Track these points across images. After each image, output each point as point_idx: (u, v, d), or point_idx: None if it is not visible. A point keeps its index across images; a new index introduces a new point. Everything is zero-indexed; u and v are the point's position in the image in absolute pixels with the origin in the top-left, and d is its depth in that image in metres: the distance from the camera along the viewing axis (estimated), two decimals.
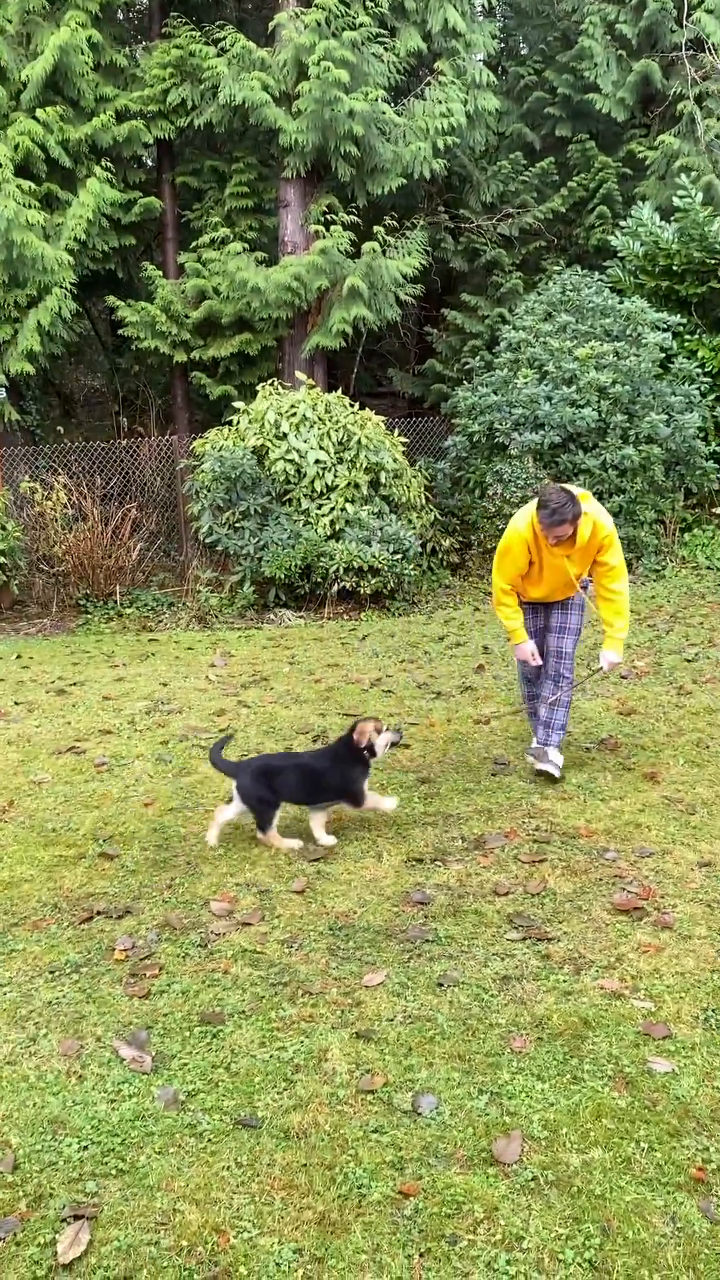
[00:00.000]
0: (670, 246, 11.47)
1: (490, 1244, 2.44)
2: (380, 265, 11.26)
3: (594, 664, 5.67)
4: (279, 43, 11.19)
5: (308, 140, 10.89)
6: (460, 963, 3.58)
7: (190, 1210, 2.55)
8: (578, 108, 14.25)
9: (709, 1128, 2.79)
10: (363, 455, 9.81)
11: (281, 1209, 2.55)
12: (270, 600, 9.72)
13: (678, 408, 10.61)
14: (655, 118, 14.10)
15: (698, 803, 4.85)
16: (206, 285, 11.53)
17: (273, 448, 9.68)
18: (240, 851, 4.47)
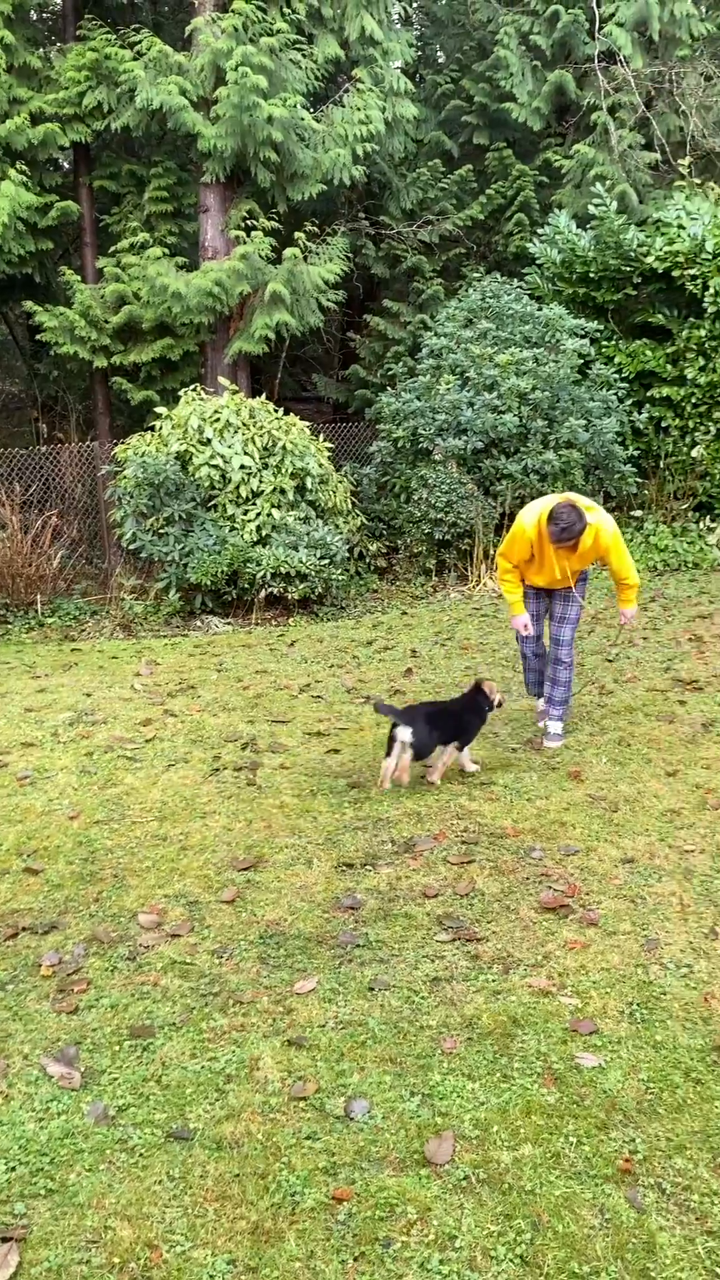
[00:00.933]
0: (587, 254, 11.69)
1: (423, 1245, 2.46)
2: (302, 271, 11.28)
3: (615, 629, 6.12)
4: (196, 48, 11.15)
5: (227, 146, 10.86)
6: (391, 966, 3.61)
7: (122, 1227, 2.52)
8: (494, 116, 14.45)
9: (635, 1119, 2.85)
10: (288, 461, 9.80)
11: (214, 1220, 2.54)
12: (197, 607, 9.65)
13: (596, 413, 10.81)
14: (570, 127, 14.37)
15: (620, 800, 4.94)
16: (126, 290, 11.42)
17: (196, 453, 9.63)
18: (169, 863, 4.43)
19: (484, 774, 5.34)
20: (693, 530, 11.43)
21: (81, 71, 11.10)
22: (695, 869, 4.25)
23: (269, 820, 4.83)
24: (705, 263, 11.01)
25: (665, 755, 5.52)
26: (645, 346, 11.70)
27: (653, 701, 6.45)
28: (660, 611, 9.04)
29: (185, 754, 5.74)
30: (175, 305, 11.03)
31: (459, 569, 10.74)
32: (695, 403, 11.44)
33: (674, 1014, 3.30)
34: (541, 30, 13.51)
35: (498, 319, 11.43)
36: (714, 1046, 3.14)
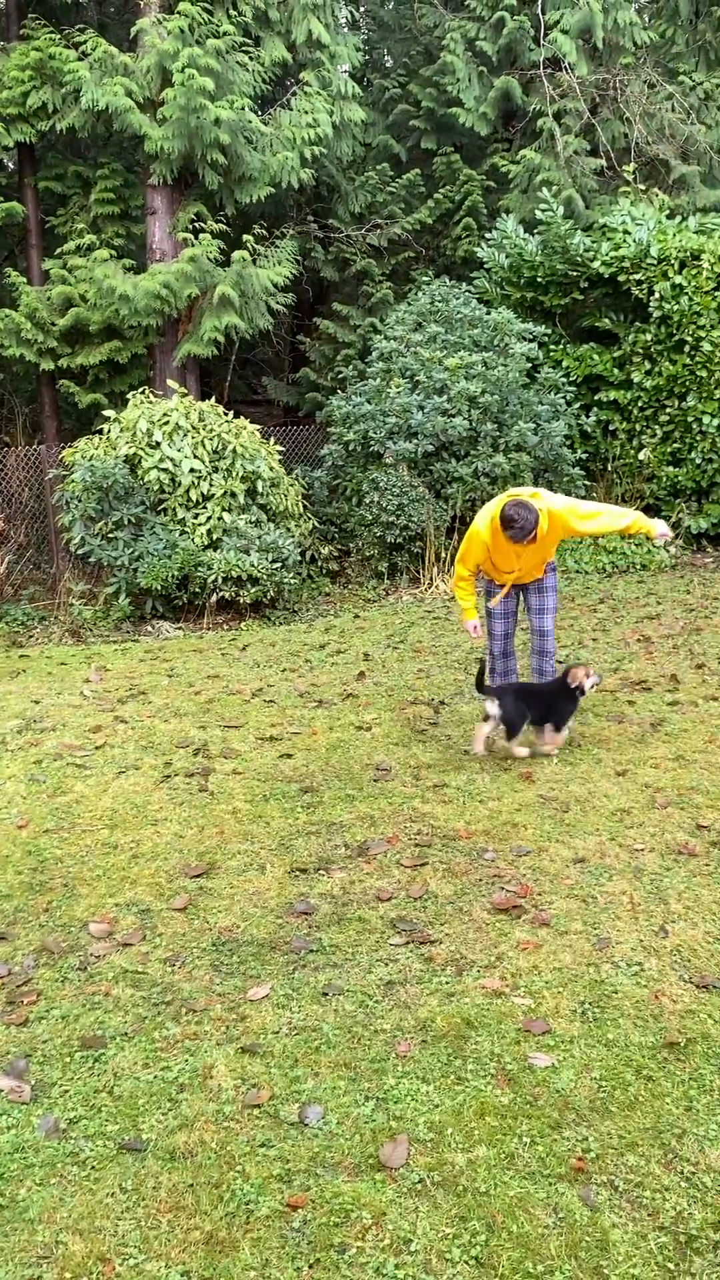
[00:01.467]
0: (534, 259, 11.79)
1: (379, 1249, 2.46)
2: (251, 274, 11.25)
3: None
4: (142, 49, 11.08)
5: (174, 148, 10.80)
6: (345, 971, 3.60)
7: (74, 1241, 2.49)
8: (442, 121, 14.52)
9: (588, 1118, 2.87)
10: (239, 464, 9.77)
11: (168, 1232, 2.52)
12: (147, 612, 9.58)
13: (545, 416, 10.91)
14: (517, 133, 14.49)
15: (571, 800, 4.99)
16: (73, 292, 11.30)
17: (146, 457, 9.56)
18: (120, 871, 4.39)
19: (437, 776, 5.36)
20: None
21: (25, 71, 10.97)
22: (645, 867, 4.30)
23: (221, 826, 4.80)
24: (650, 268, 11.16)
25: (615, 755, 5.58)
26: (592, 350, 11.83)
27: (602, 702, 6.52)
28: (609, 613, 9.13)
29: (136, 761, 5.69)
30: (123, 308, 10.94)
31: (411, 572, 10.78)
32: (642, 406, 11.59)
33: (625, 1012, 3.33)
34: (487, 36, 13.61)
35: (447, 323, 11.49)
36: (665, 1043, 3.17)
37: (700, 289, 10.90)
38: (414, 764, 5.55)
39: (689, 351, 11.11)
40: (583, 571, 11.00)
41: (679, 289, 11.00)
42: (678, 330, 11.12)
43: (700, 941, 3.72)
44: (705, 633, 8.21)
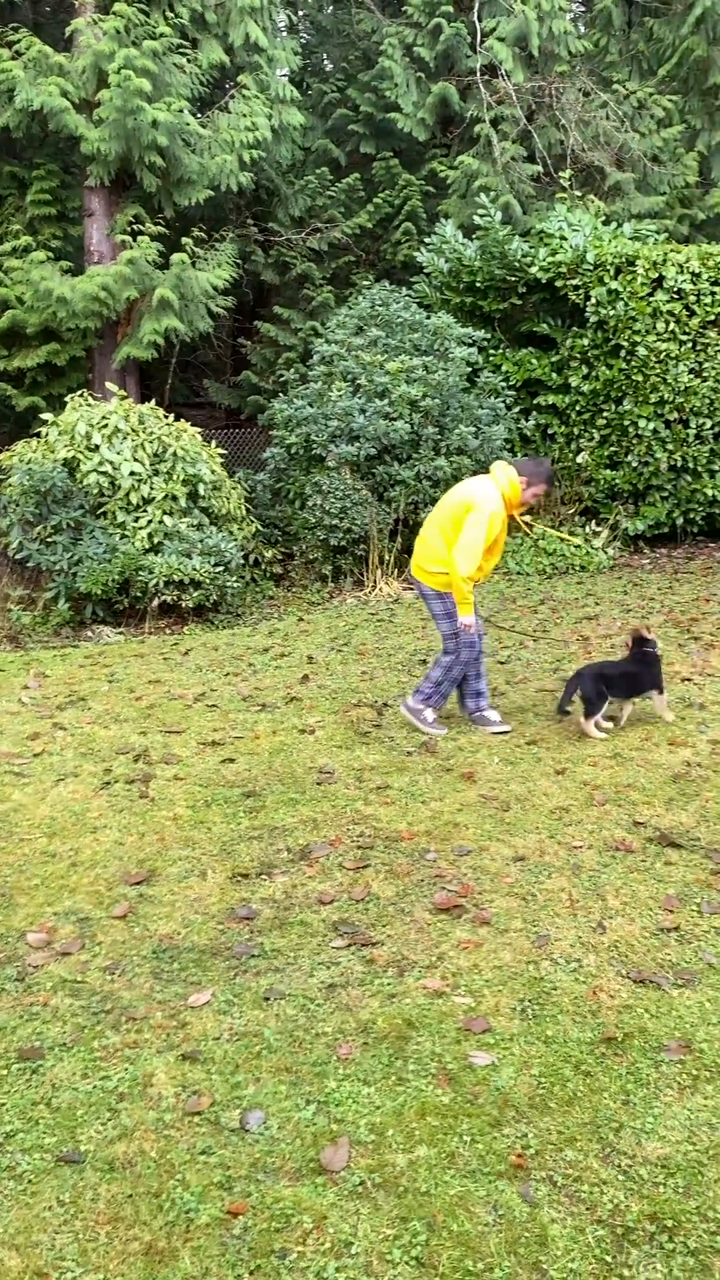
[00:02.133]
0: (473, 264, 11.88)
1: (319, 1253, 2.46)
2: (190, 276, 11.19)
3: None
4: (77, 49, 10.97)
5: (111, 149, 10.71)
6: (286, 975, 3.59)
7: (10, 1256, 2.45)
8: (380, 126, 14.59)
9: (527, 1115, 2.90)
10: (179, 467, 9.70)
11: (107, 1244, 2.49)
12: (87, 617, 9.47)
13: (485, 420, 10.99)
14: (455, 138, 14.60)
15: (511, 799, 5.03)
16: (9, 294, 11.16)
17: (84, 460, 9.45)
18: (58, 880, 4.33)
19: (379, 777, 5.37)
20: (580, 534, 11.71)
21: None
22: (583, 864, 4.35)
23: (162, 833, 4.77)
24: (587, 273, 11.31)
25: (554, 754, 5.64)
26: (531, 355, 11.94)
27: (543, 702, 6.58)
28: (549, 614, 9.23)
29: (75, 768, 5.62)
30: (60, 310, 10.83)
31: (355, 575, 10.79)
32: (579, 410, 11.73)
33: (564, 1008, 3.37)
34: (425, 42, 13.70)
35: (387, 327, 11.53)
36: (603, 1039, 3.21)
37: (635, 295, 11.07)
38: (357, 766, 5.56)
39: (625, 356, 11.27)
40: (524, 573, 11.11)
41: (615, 294, 11.16)
42: (614, 335, 11.28)
43: (637, 936, 3.78)
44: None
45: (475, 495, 5.73)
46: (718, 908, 3.97)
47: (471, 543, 5.66)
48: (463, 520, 5.72)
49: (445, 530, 5.82)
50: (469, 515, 5.69)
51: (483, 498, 5.70)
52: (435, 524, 5.92)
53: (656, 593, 9.94)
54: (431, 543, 5.91)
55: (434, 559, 5.89)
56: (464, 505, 5.74)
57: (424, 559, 5.96)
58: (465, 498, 5.78)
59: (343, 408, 10.48)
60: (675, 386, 11.17)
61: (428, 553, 5.93)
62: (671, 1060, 3.10)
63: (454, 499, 5.86)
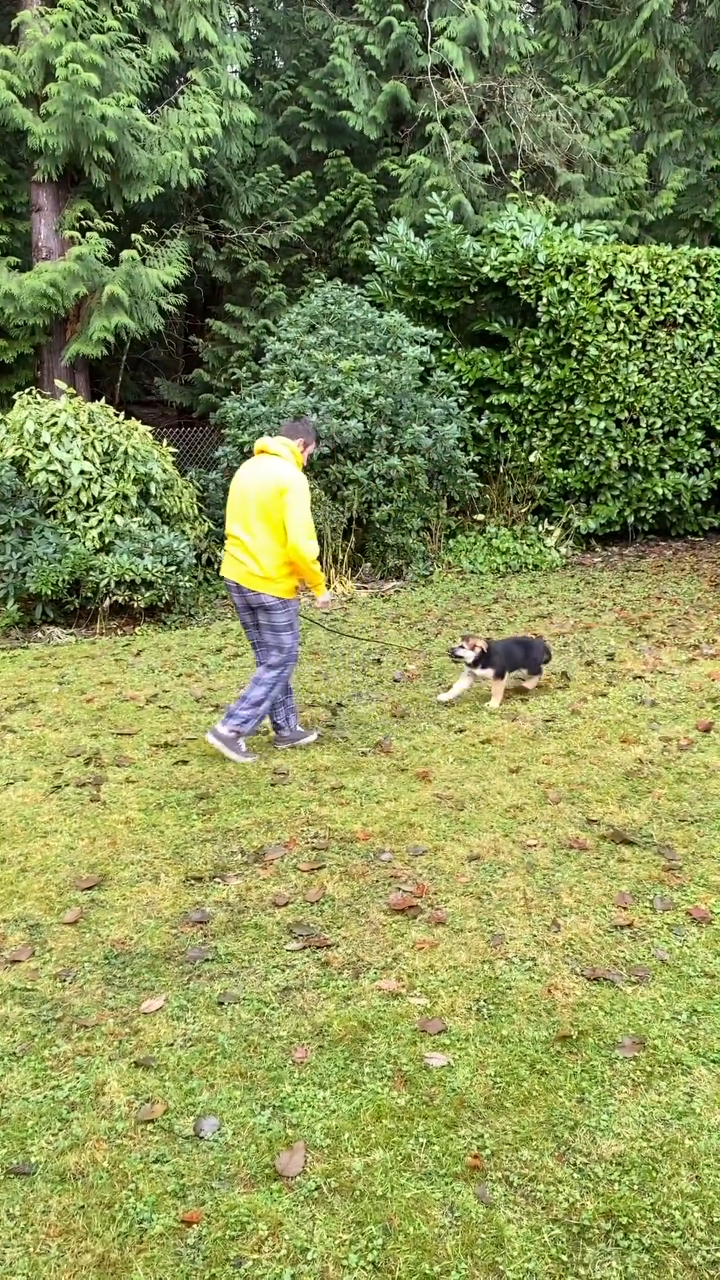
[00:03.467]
0: (425, 263, 11.89)
1: (275, 1260, 2.44)
2: (141, 273, 11.08)
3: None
4: (23, 42, 10.81)
5: (59, 144, 10.57)
6: (241, 979, 3.56)
7: None
8: (332, 124, 14.56)
9: (483, 1115, 2.90)
10: (130, 466, 9.60)
11: (58, 1257, 2.45)
12: (37, 618, 9.34)
13: (438, 419, 11.01)
14: (407, 137, 14.61)
15: (466, 799, 5.03)
16: None
17: (33, 459, 9.32)
18: (7, 886, 4.26)
19: (334, 778, 5.35)
20: (532, 533, 11.78)
21: None
22: (538, 863, 4.36)
23: (114, 836, 4.71)
24: (538, 273, 11.37)
25: (508, 753, 5.65)
26: (483, 354, 11.99)
27: (506, 702, 6.60)
28: (503, 612, 9.27)
29: (25, 771, 5.54)
30: (7, 306, 10.67)
31: None
32: (532, 409, 11.80)
33: (519, 1007, 3.37)
34: (376, 40, 13.69)
35: (340, 325, 11.51)
36: (558, 1037, 3.22)
37: (586, 295, 11.15)
38: (312, 767, 5.53)
39: (576, 356, 11.35)
40: (478, 572, 11.14)
41: (566, 294, 11.24)
42: (565, 335, 11.35)
43: (591, 934, 3.80)
44: (594, 630, 8.39)
45: (282, 477, 5.47)
46: (670, 904, 4.01)
47: (305, 519, 5.43)
48: (282, 504, 5.44)
49: (270, 520, 5.46)
50: (287, 496, 5.42)
51: (289, 475, 5.48)
52: (255, 521, 5.50)
53: (608, 591, 10.02)
54: (261, 542, 5.50)
55: (273, 559, 5.50)
56: (278, 490, 5.43)
57: (261, 565, 5.51)
58: (275, 484, 5.45)
59: (295, 406, 10.44)
60: (626, 386, 11.27)
61: (263, 556, 5.50)
62: (625, 1057, 3.12)
63: (263, 489, 5.48)
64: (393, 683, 7.11)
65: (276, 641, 5.65)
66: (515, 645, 6.70)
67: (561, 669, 7.26)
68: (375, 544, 10.90)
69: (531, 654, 6.72)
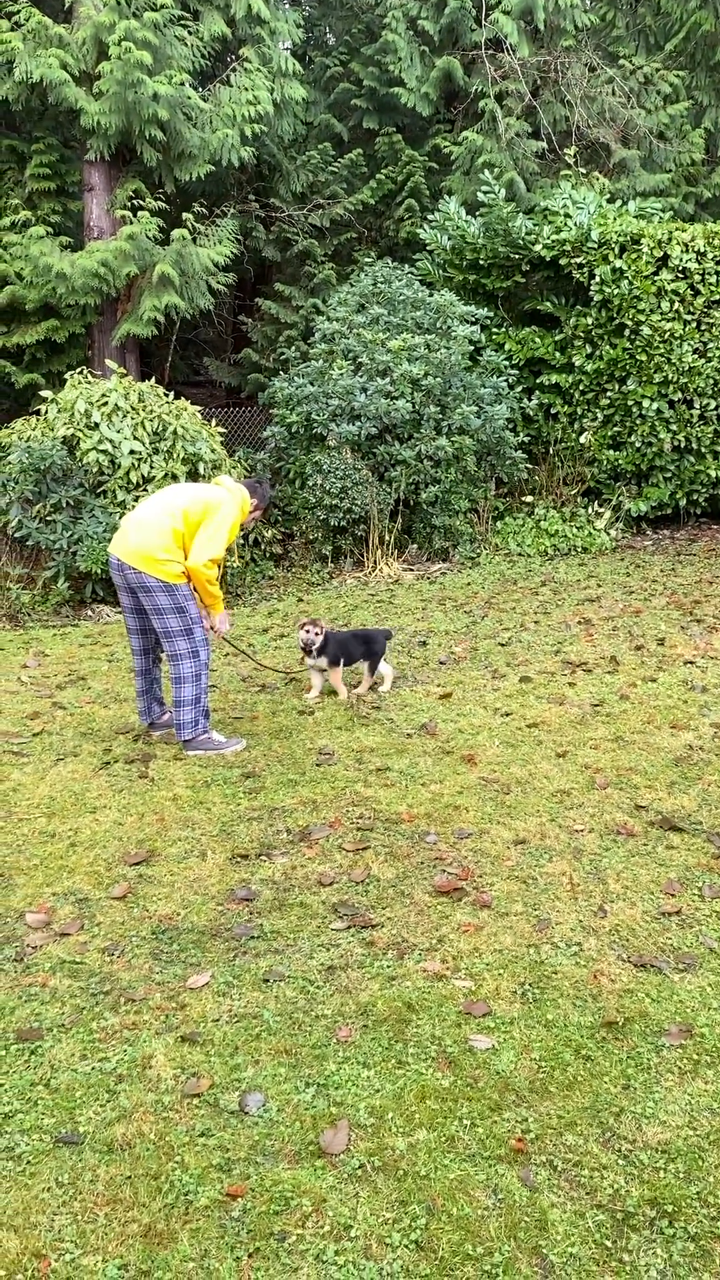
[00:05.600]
0: (477, 241, 11.77)
1: (319, 1236, 2.45)
2: (191, 253, 11.08)
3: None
4: (77, 20, 10.83)
5: (111, 123, 10.58)
6: (286, 957, 3.58)
7: (8, 1238, 2.44)
8: (384, 100, 14.41)
9: (527, 1099, 2.89)
10: (179, 446, 9.64)
11: (105, 1225, 2.49)
12: (87, 596, 9.44)
13: (487, 399, 10.92)
14: (459, 114, 14.43)
15: (512, 782, 5.01)
16: (8, 270, 11.06)
17: (84, 438, 9.39)
18: (58, 860, 4.32)
19: (379, 759, 5.35)
20: (582, 515, 11.66)
21: None
22: (584, 848, 4.33)
23: (161, 813, 4.75)
24: (591, 251, 11.21)
25: (555, 737, 5.62)
26: (534, 334, 11.85)
27: (544, 684, 6.56)
28: (550, 595, 9.19)
29: (75, 747, 5.60)
30: (60, 286, 10.73)
31: (355, 555, 10.74)
32: (583, 390, 11.65)
33: (564, 992, 3.35)
34: (429, 15, 13.52)
35: (389, 304, 11.44)
36: (603, 1023, 3.20)
37: (640, 273, 10.97)
38: (357, 748, 5.53)
39: (629, 335, 11.18)
40: (525, 554, 11.06)
41: (619, 273, 11.06)
42: (618, 314, 11.18)
43: (638, 921, 3.76)
44: (644, 615, 8.30)
45: (215, 500, 5.41)
46: (719, 892, 3.96)
47: (217, 536, 5.33)
48: (204, 518, 5.37)
49: (190, 518, 5.35)
50: (212, 514, 5.37)
51: (222, 502, 5.42)
52: (167, 510, 5.35)
53: (659, 574, 9.90)
54: (159, 525, 5.31)
55: (165, 547, 5.29)
56: (204, 506, 5.37)
57: (151, 546, 5.27)
58: (205, 500, 5.39)
59: (344, 386, 10.40)
60: (679, 366, 11.09)
61: (155, 539, 5.29)
62: (672, 1045, 3.09)
63: (191, 497, 5.41)
64: (438, 665, 7.09)
65: (165, 626, 5.38)
66: (354, 638, 6.45)
67: (610, 653, 7.19)
68: (422, 525, 10.85)
69: (373, 647, 6.44)
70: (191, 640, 5.43)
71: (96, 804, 4.86)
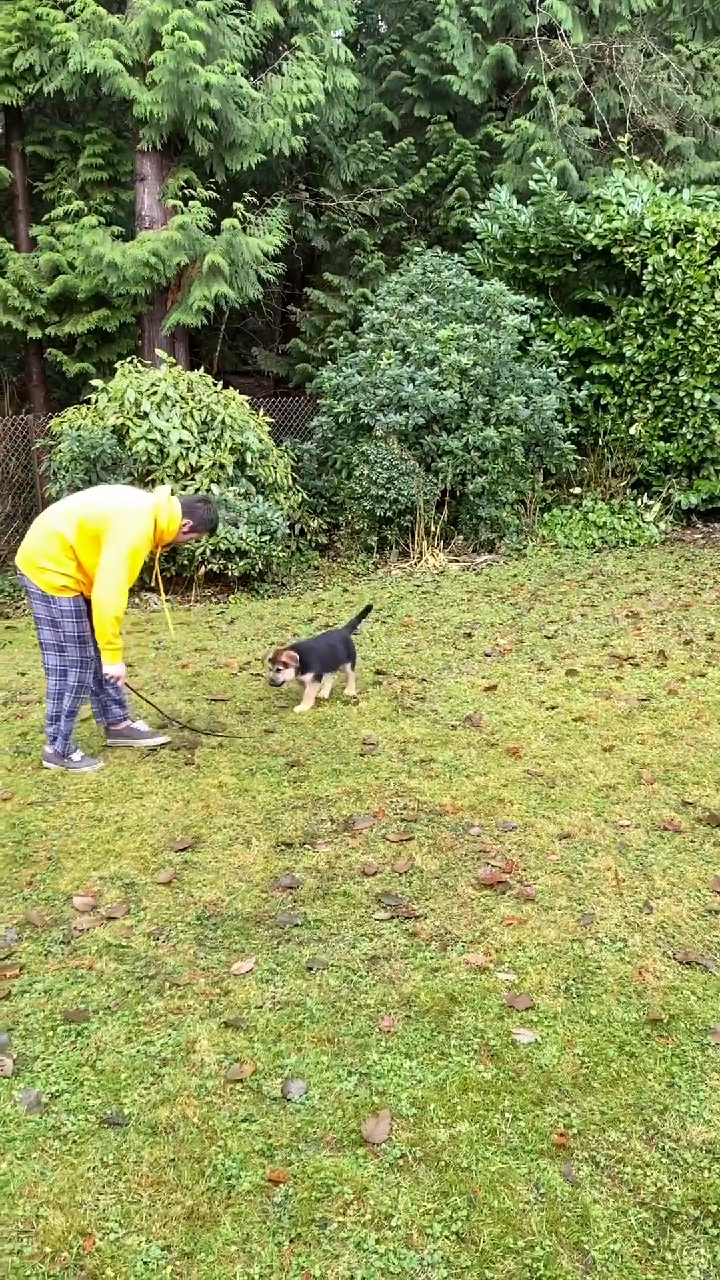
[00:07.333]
0: (527, 230, 11.67)
1: (360, 1224, 2.46)
2: (241, 242, 11.11)
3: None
4: (131, 10, 10.87)
5: (163, 112, 10.62)
6: (329, 945, 3.59)
7: (54, 1215, 2.48)
8: (435, 89, 14.33)
9: (570, 1094, 2.88)
10: (227, 435, 9.68)
11: (149, 1206, 2.52)
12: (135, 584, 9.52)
13: (536, 390, 10.83)
14: (511, 101, 14.31)
15: (557, 776, 4.98)
16: (61, 259, 11.16)
17: (134, 427, 9.46)
18: (104, 845, 4.37)
19: (423, 750, 5.34)
20: (631, 507, 11.54)
21: (12, 32, 10.76)
22: (630, 844, 4.29)
23: (207, 800, 4.79)
24: (644, 241, 11.06)
25: (602, 731, 5.57)
26: (585, 324, 11.73)
27: (590, 677, 6.51)
28: (598, 588, 9.11)
29: None
30: (111, 275, 10.81)
31: (400, 546, 10.73)
32: (634, 380, 11.52)
33: (609, 988, 3.33)
34: (483, 2, 13.40)
35: (439, 294, 11.38)
36: (648, 1020, 3.17)
37: (694, 262, 10.81)
38: (401, 739, 5.53)
39: (681, 325, 11.03)
40: (572, 546, 10.97)
41: (672, 262, 10.91)
42: (671, 304, 11.03)
43: (684, 918, 3.73)
44: (694, 609, 8.20)
45: (118, 512, 4.90)
46: None
47: (116, 570, 4.85)
48: (101, 532, 4.89)
49: (86, 527, 4.90)
50: (111, 532, 4.87)
51: (128, 516, 4.90)
52: (63, 515, 4.96)
53: (709, 568, 9.77)
54: (48, 530, 4.96)
55: (47, 554, 4.94)
56: (103, 518, 4.89)
57: (34, 551, 4.98)
58: (107, 511, 4.91)
59: (391, 376, 10.38)
60: None
61: (39, 544, 4.97)
62: (717, 1044, 3.06)
63: (91, 504, 4.99)
64: (484, 656, 7.06)
65: (41, 639, 5.14)
66: (329, 643, 6.15)
67: (659, 648, 7.12)
68: (468, 517, 10.81)
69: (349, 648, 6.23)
70: (61, 658, 5.11)
71: (143, 790, 4.91)
